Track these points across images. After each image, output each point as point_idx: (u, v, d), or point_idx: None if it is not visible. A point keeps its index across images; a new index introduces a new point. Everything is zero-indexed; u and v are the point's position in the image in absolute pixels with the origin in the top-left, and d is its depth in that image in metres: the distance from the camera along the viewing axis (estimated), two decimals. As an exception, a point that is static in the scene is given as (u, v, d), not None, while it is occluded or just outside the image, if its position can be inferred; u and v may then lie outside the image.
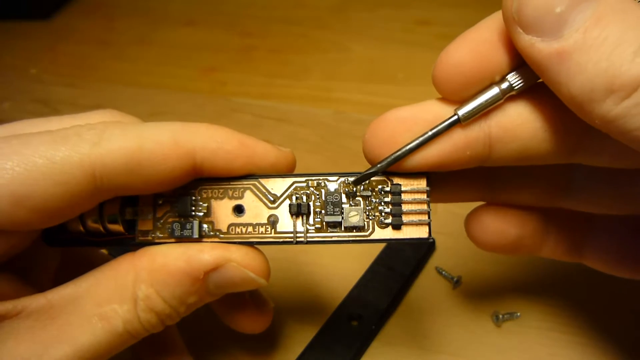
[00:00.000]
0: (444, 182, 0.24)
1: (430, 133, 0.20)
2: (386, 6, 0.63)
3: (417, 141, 0.20)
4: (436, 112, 0.20)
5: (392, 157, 0.20)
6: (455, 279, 0.33)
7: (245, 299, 0.27)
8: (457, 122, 0.20)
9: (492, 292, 0.33)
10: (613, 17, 0.16)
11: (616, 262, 0.25)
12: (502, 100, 0.19)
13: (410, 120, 0.20)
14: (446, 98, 0.20)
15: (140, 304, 0.20)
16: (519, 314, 0.31)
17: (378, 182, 0.22)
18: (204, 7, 0.65)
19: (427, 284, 0.34)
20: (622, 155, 0.19)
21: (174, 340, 0.28)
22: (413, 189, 0.21)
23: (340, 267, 0.35)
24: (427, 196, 0.21)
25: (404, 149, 0.20)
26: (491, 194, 0.25)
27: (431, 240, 0.21)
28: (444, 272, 0.34)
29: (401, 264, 0.33)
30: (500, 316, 0.31)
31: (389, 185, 0.22)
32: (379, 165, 0.20)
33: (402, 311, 0.32)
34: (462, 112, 0.19)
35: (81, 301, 0.20)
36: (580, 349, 0.29)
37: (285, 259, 0.35)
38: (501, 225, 0.25)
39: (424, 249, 0.34)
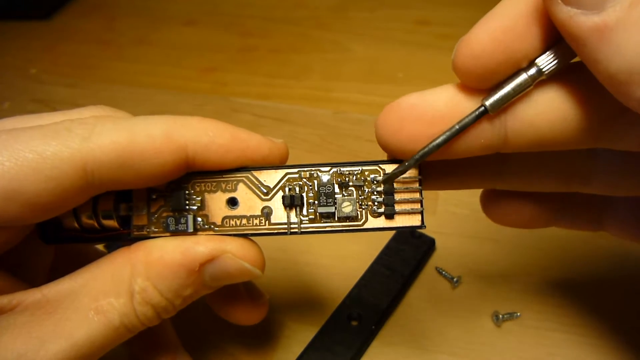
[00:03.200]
0: (452, 169, 0.23)
1: (457, 127, 0.19)
2: (386, 6, 0.63)
3: (443, 136, 0.19)
4: (448, 99, 0.20)
5: (420, 154, 0.20)
6: (455, 279, 0.33)
7: (240, 290, 0.27)
8: (485, 113, 0.19)
9: (492, 292, 0.33)
10: None
11: (638, 230, 0.25)
12: (531, 87, 0.18)
13: (421, 108, 0.20)
14: (467, 85, 0.20)
15: (137, 297, 0.20)
16: (519, 314, 0.31)
17: (370, 172, 0.22)
18: (204, 7, 0.65)
19: (427, 284, 0.34)
20: None
21: (169, 337, 0.28)
22: (405, 178, 0.21)
23: (340, 267, 0.35)
24: (420, 185, 0.21)
25: (430, 145, 0.19)
26: (502, 182, 0.24)
27: (424, 227, 0.21)
28: (444, 272, 0.34)
29: (401, 264, 0.33)
30: (500, 316, 0.31)
31: (381, 174, 0.22)
32: (406, 164, 0.20)
33: (402, 311, 0.32)
34: (489, 102, 0.19)
35: (77, 295, 0.20)
36: (580, 349, 0.29)
37: (285, 259, 0.35)
38: (516, 205, 0.25)
39: (424, 248, 0.34)
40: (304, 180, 0.22)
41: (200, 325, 0.32)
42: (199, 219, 0.22)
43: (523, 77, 0.18)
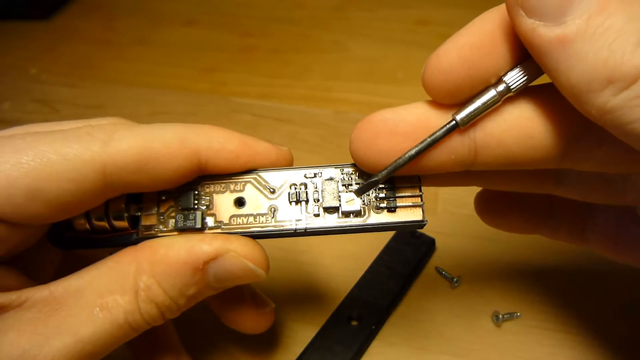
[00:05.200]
0: None
1: (429, 140, 0.20)
2: (386, 6, 0.63)
3: (415, 149, 0.20)
4: (420, 114, 0.20)
5: (392, 166, 0.20)
6: (455, 279, 0.33)
7: (246, 298, 0.27)
8: (456, 127, 0.19)
9: (492, 292, 0.33)
10: (617, 6, 0.15)
11: (616, 248, 0.26)
12: (500, 103, 0.19)
13: (393, 122, 0.20)
14: (437, 101, 0.20)
15: (141, 295, 0.21)
16: (519, 314, 0.31)
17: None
18: (204, 7, 0.65)
19: (427, 284, 0.34)
20: (610, 162, 0.19)
21: (171, 339, 0.28)
22: (405, 176, 0.22)
23: (340, 267, 0.35)
24: (419, 180, 0.22)
25: (403, 158, 0.20)
26: (482, 180, 0.25)
27: (425, 222, 0.22)
28: (444, 272, 0.34)
29: (401, 264, 0.33)
30: (500, 316, 0.31)
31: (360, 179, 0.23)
32: (379, 176, 0.21)
33: (402, 311, 0.32)
34: (460, 116, 0.19)
35: (83, 293, 0.20)
36: (580, 349, 0.29)
37: (285, 259, 0.35)
38: (505, 211, 0.26)
39: (424, 248, 0.34)
40: (309, 179, 0.23)
41: (201, 325, 0.32)
42: (207, 217, 0.23)
43: (491, 93, 0.19)
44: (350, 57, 0.56)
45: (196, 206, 0.23)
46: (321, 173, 0.23)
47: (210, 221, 0.22)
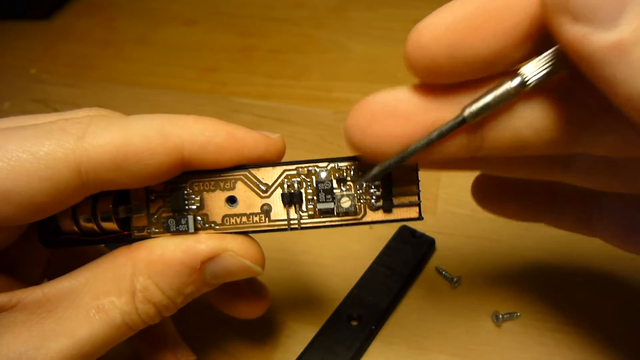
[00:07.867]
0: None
1: (434, 135, 0.18)
2: (386, 6, 0.63)
3: (422, 142, 0.18)
4: (420, 95, 0.19)
5: (395, 159, 0.19)
6: (455, 279, 0.33)
7: (241, 284, 0.27)
8: (464, 123, 0.18)
9: (492, 292, 0.33)
10: None
11: (625, 237, 0.25)
12: (515, 98, 0.17)
13: (391, 105, 0.18)
14: (425, 81, 0.19)
15: (138, 296, 0.21)
16: (519, 314, 0.31)
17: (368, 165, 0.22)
18: (204, 7, 0.65)
19: (427, 284, 0.34)
20: (625, 145, 0.18)
21: (169, 332, 0.28)
22: (402, 171, 0.21)
23: (340, 267, 0.34)
24: (417, 176, 0.21)
25: (407, 152, 0.18)
26: (486, 166, 0.24)
27: (421, 219, 0.22)
28: (444, 272, 0.34)
29: (401, 264, 0.33)
30: (500, 316, 0.31)
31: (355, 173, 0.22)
32: (374, 172, 0.20)
33: (402, 311, 0.32)
34: (468, 112, 0.18)
35: (78, 294, 0.20)
36: (580, 349, 0.29)
37: (285, 259, 0.35)
38: (504, 195, 0.25)
39: (424, 248, 0.34)
40: (302, 176, 0.22)
41: (200, 325, 0.32)
42: (199, 218, 0.22)
43: (505, 87, 0.17)
44: (350, 57, 0.56)
45: (186, 206, 0.22)
46: (314, 169, 0.22)
47: (202, 222, 0.22)
